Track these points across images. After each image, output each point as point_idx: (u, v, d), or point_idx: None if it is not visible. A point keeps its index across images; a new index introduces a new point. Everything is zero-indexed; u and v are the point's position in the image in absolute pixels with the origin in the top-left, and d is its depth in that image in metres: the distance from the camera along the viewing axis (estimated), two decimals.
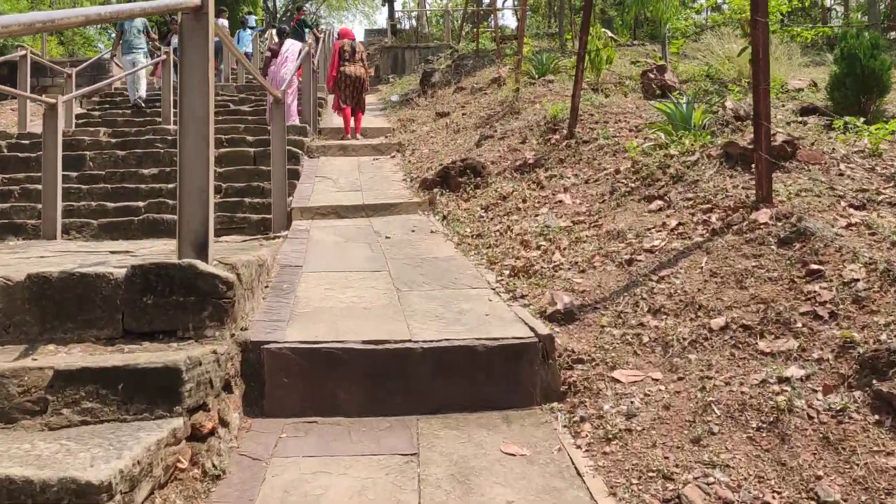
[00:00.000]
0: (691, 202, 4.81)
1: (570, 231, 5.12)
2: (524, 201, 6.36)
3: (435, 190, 7.48)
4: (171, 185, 8.29)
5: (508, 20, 44.38)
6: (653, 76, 8.77)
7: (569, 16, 16.81)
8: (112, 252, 5.45)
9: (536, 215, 5.88)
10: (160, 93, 12.28)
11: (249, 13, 33.20)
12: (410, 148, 10.26)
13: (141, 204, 8.08)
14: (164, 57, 11.26)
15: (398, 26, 27.47)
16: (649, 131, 6.77)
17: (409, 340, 3.33)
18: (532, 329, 3.48)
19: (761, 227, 4.01)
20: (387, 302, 4.03)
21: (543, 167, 7.19)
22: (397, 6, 30.03)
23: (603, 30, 10.25)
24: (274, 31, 12.89)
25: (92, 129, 11.29)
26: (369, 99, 16.19)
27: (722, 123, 6.67)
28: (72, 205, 7.90)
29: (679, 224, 4.53)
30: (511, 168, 7.49)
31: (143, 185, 8.60)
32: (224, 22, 19.65)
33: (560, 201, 6.02)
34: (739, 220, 4.22)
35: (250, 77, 15.72)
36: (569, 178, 6.60)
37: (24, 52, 12.12)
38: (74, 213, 7.85)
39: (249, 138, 10.12)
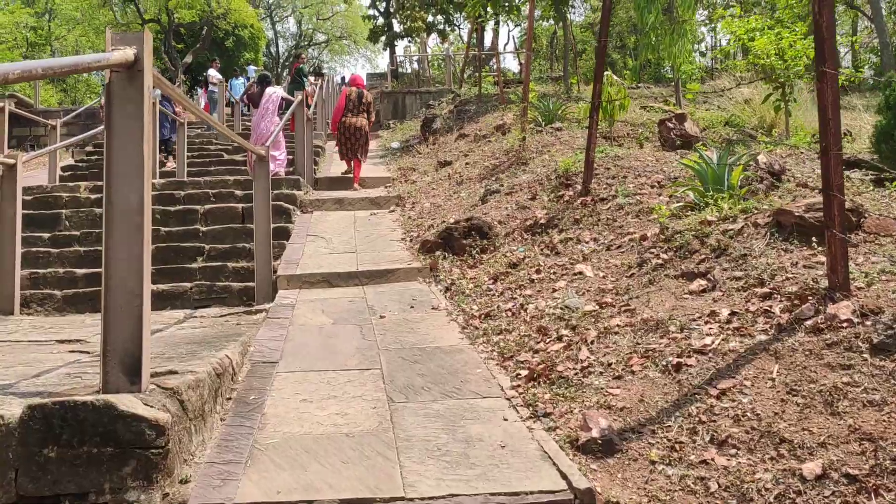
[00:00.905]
0: (742, 284, 3.96)
1: (596, 317, 4.26)
2: (538, 271, 5.53)
3: (437, 253, 6.66)
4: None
5: (510, 63, 44.09)
6: (672, 126, 8.00)
7: (572, 59, 16.18)
8: (59, 341, 4.63)
9: (553, 290, 5.03)
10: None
11: (249, 63, 32.83)
12: (410, 201, 9.48)
13: None
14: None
15: (399, 70, 26.98)
16: (676, 190, 5.96)
17: (402, 499, 2.47)
18: (564, 476, 2.62)
19: (844, 325, 3.16)
20: (376, 424, 3.16)
21: (557, 228, 6.38)
22: (399, 51, 29.65)
23: (614, 76, 9.53)
24: (253, 77, 12.21)
25: (73, 183, 10.52)
26: (370, 147, 15.53)
27: (756, 180, 5.87)
28: (37, 272, 7.08)
29: (733, 314, 3.68)
30: (521, 228, 6.68)
31: None
32: (214, 73, 19.10)
33: (580, 273, 5.18)
34: (811, 312, 3.37)
35: (249, 124, 15.06)
36: (587, 242, 5.78)
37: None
38: (40, 282, 7.02)
39: (238, 192, 9.32)
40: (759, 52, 8.62)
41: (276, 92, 10.97)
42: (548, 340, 4.16)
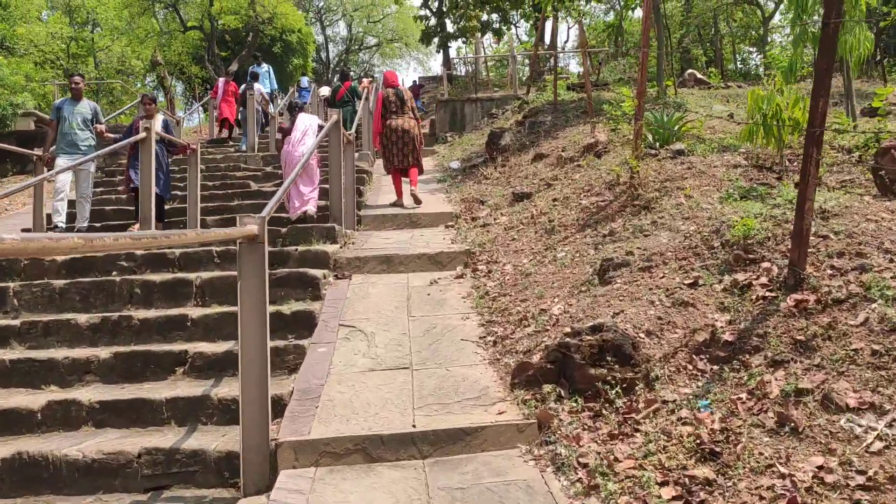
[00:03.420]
0: None
1: None
2: (753, 457, 2.68)
3: (546, 390, 3.82)
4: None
5: (568, 63, 40.69)
6: None
7: (669, 56, 13.07)
8: None
9: None
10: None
11: (303, 74, 30.46)
12: (484, 259, 6.65)
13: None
14: (141, 136, 7.61)
15: (454, 73, 24.15)
16: None
17: None
18: None
19: None
20: None
21: (761, 353, 3.51)
22: (452, 52, 26.85)
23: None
24: (292, 101, 9.55)
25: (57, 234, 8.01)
26: (425, 165, 12.76)
27: None
28: None
29: None
30: (688, 348, 3.81)
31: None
32: (266, 67, 16.66)
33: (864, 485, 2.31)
34: None
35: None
36: (848, 399, 2.89)
37: None
38: None
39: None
40: None
41: (312, 122, 8.34)
42: None
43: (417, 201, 8.95)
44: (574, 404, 3.66)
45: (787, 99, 5.74)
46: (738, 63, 24.52)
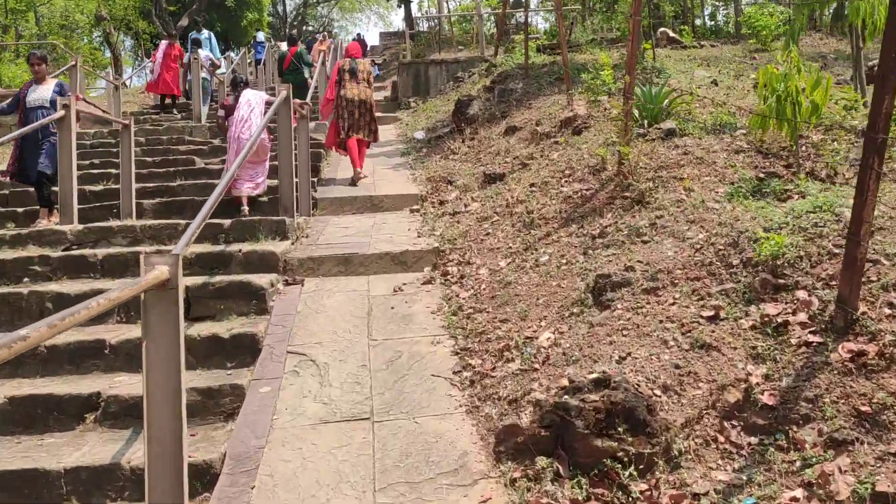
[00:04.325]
0: None
1: None
2: None
3: (540, 464, 3.00)
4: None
5: (535, 21, 39.25)
6: None
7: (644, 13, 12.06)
8: None
9: None
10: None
11: (258, 30, 28.71)
12: (455, 259, 5.77)
13: None
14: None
15: (417, 30, 22.80)
16: None
17: None
18: None
19: None
20: None
21: (812, 424, 2.73)
22: (414, 8, 25.43)
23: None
24: (235, 74, 8.42)
25: None
26: (386, 135, 11.75)
27: None
28: None
29: None
30: (718, 413, 3.01)
31: None
32: (207, 34, 15.21)
33: None
34: None
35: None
36: None
37: None
38: None
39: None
40: None
41: (259, 98, 7.26)
42: None
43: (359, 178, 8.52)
44: (577, 490, 2.85)
45: (802, 79, 4.90)
46: (705, 18, 23.53)
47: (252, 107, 7.04)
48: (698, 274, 3.87)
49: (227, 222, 6.23)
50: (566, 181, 6.42)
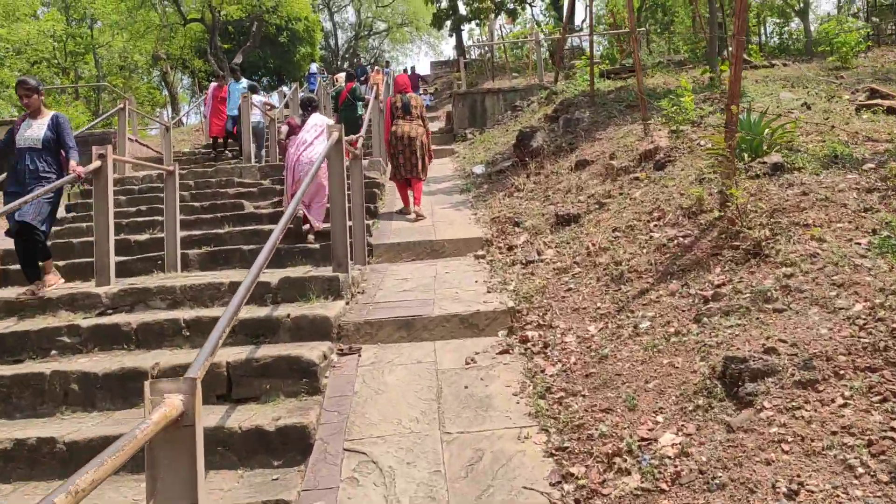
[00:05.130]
0: None
1: None
2: None
3: None
4: None
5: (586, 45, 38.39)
6: None
7: (725, 26, 11.10)
8: None
9: None
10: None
11: (312, 61, 28.69)
12: (534, 322, 4.91)
13: None
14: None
15: (468, 58, 22.20)
16: None
17: None
18: None
19: None
20: None
21: None
22: (465, 36, 24.85)
23: None
24: (306, 95, 7.96)
25: None
26: (443, 169, 11.03)
27: None
28: None
29: None
30: None
31: None
32: (245, 83, 14.70)
33: None
34: None
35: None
36: None
37: None
38: None
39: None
40: None
41: (325, 122, 7.05)
42: None
43: (419, 217, 8.13)
44: None
45: None
46: (768, 36, 22.34)
47: (319, 131, 6.84)
48: (871, 363, 2.94)
49: (274, 280, 5.51)
50: (656, 225, 5.53)
